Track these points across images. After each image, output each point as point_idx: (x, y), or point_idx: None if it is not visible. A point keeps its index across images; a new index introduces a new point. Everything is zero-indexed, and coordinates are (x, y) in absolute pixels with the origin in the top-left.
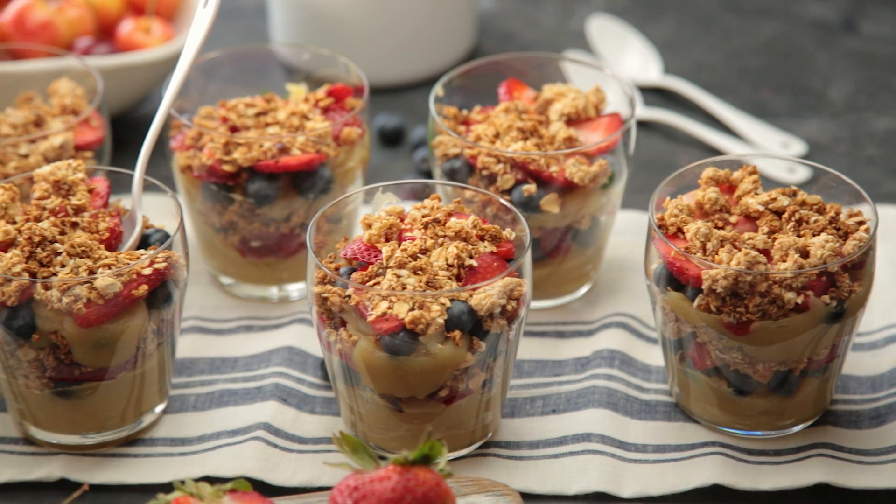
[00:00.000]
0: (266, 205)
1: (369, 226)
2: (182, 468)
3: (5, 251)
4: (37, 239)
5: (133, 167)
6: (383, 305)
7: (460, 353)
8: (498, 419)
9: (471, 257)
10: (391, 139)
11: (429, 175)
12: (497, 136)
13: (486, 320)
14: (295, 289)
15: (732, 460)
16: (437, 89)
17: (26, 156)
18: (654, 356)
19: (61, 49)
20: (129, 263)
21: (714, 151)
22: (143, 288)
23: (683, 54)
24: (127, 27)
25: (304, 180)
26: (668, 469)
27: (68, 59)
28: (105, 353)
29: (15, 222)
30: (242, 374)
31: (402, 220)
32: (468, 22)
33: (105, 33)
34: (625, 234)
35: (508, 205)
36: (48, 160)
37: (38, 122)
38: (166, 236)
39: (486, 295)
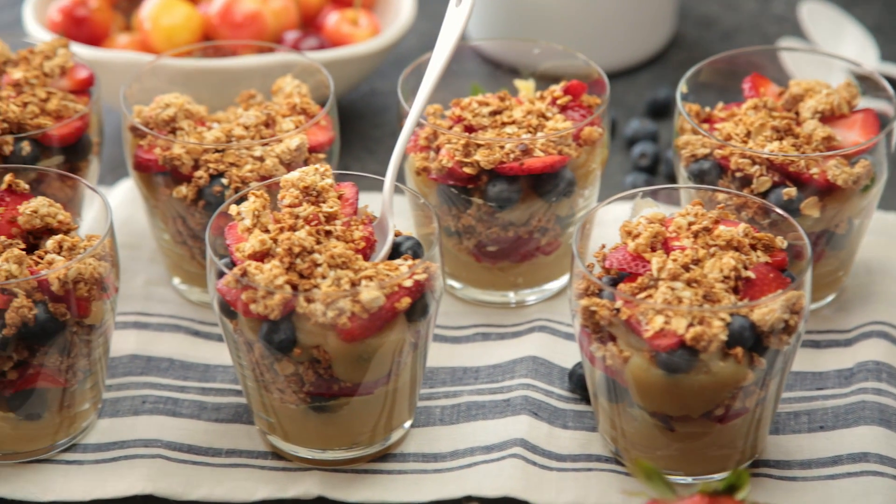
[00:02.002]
0: (507, 208)
1: (629, 233)
2: (440, 486)
3: (261, 261)
4: (296, 250)
5: (352, 166)
6: (659, 320)
7: (741, 371)
8: (765, 437)
9: (745, 268)
10: None
11: (649, 171)
12: (748, 135)
13: (766, 336)
14: (531, 293)
15: None
16: (682, 86)
17: (261, 158)
18: None
19: (270, 42)
20: (390, 275)
21: None
22: (406, 301)
23: None
24: (333, 19)
25: (545, 182)
26: None
27: (287, 53)
28: (363, 368)
29: (268, 231)
30: (487, 386)
31: (665, 227)
32: (669, 6)
33: (307, 25)
34: (869, 234)
35: (781, 211)
36: (283, 163)
37: (269, 123)
38: (418, 244)
39: (770, 310)
